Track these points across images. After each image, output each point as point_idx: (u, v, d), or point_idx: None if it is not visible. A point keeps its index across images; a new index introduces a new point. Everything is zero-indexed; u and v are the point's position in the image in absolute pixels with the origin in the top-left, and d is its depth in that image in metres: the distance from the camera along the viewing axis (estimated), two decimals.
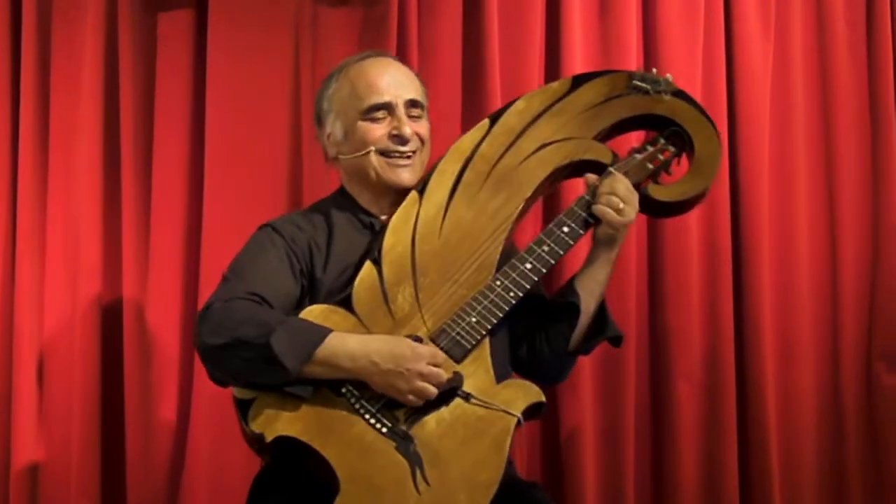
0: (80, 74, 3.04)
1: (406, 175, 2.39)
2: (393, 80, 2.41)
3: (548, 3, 3.22)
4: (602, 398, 3.16)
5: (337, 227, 2.39)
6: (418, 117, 2.42)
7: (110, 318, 3.03)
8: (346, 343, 2.15)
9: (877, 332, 3.32)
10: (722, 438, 3.17)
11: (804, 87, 3.33)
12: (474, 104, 3.10)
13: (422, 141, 2.41)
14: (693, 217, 3.17)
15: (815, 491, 3.26)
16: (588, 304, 2.37)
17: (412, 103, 2.41)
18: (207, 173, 3.05)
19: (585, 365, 3.11)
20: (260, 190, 3.06)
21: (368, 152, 2.38)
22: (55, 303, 3.01)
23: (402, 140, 2.37)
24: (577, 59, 3.16)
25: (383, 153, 2.38)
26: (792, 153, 3.30)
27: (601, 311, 2.40)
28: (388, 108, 2.39)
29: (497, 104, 3.00)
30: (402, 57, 3.05)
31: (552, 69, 3.18)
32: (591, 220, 2.32)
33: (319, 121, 2.49)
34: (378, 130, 2.38)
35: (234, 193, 3.04)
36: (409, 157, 2.39)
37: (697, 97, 3.14)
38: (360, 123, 2.39)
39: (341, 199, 2.47)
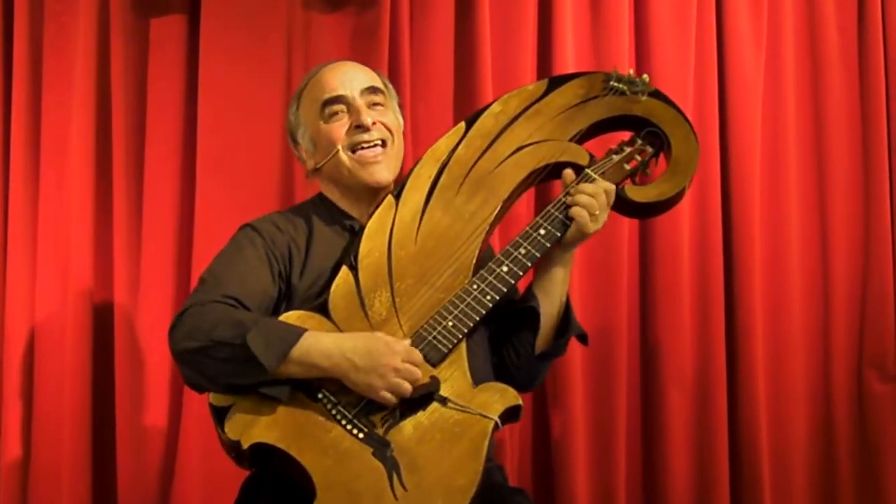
0: (71, 79, 3.05)
1: (381, 173, 2.39)
2: (345, 76, 2.42)
3: (539, 7, 3.22)
4: (593, 406, 3.16)
5: (316, 230, 2.40)
6: (380, 104, 2.42)
7: (101, 325, 3.04)
8: (321, 341, 2.15)
9: (867, 340, 3.32)
10: (713, 446, 3.17)
11: (796, 93, 3.33)
12: (466, 109, 3.10)
13: (389, 130, 2.41)
14: (684, 224, 3.18)
15: (806, 499, 3.25)
16: (547, 307, 2.37)
17: (370, 90, 2.41)
18: (199, 178, 3.06)
19: (577, 370, 3.12)
20: (252, 195, 3.07)
21: (337, 152, 2.39)
22: (46, 309, 3.02)
23: (364, 128, 2.37)
24: (569, 64, 3.16)
25: (351, 149, 2.38)
26: (783, 159, 3.29)
27: (565, 310, 2.40)
28: (344, 101, 2.40)
29: None
30: (394, 63, 3.09)
31: (544, 74, 3.17)
32: (568, 222, 2.31)
33: (294, 139, 2.50)
34: (340, 127, 2.39)
35: (226, 198, 3.05)
36: (377, 146, 2.39)
37: (689, 103, 3.17)
38: (322, 126, 2.41)
39: (320, 202, 2.48)
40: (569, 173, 2.36)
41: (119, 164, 3.05)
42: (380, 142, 2.40)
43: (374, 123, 2.38)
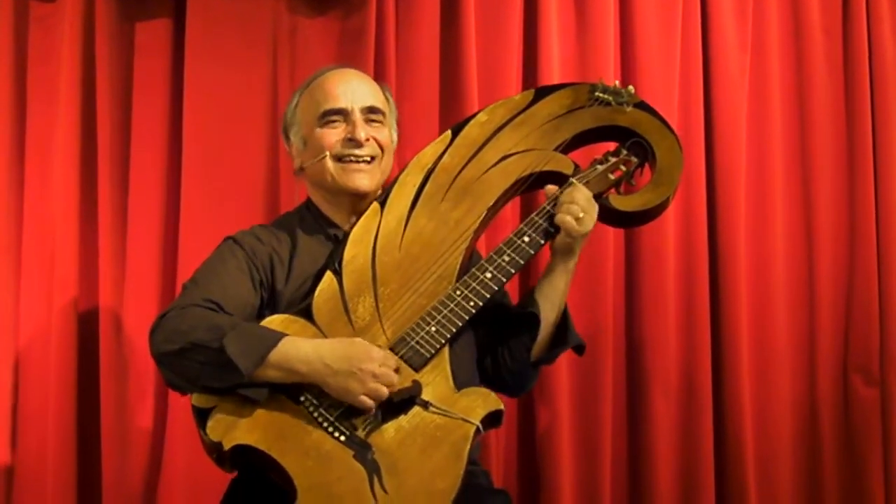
0: (56, 83, 3.06)
1: (362, 180, 2.41)
2: (350, 88, 2.44)
3: (525, 13, 3.24)
4: (579, 409, 3.17)
5: (301, 241, 2.41)
6: (377, 122, 2.44)
7: (86, 328, 3.04)
8: (300, 347, 2.16)
9: (853, 345, 3.33)
10: (698, 451, 3.18)
11: (781, 96, 3.35)
12: (452, 114, 3.12)
13: (381, 148, 2.43)
14: (669, 229, 3.19)
15: (791, 503, 3.25)
16: (548, 314, 2.38)
17: (370, 110, 2.43)
18: (184, 183, 3.07)
19: (562, 376, 3.13)
20: (237, 200, 3.08)
21: (324, 157, 2.41)
22: (31, 313, 3.02)
23: (357, 143, 2.39)
24: (555, 70, 3.18)
25: (339, 158, 2.41)
26: (769, 164, 3.31)
27: (563, 320, 2.41)
28: (344, 113, 2.42)
29: None
30: (380, 67, 3.10)
31: (530, 79, 3.20)
32: (552, 230, 2.33)
33: (286, 134, 2.53)
34: (333, 135, 2.41)
35: (211, 203, 3.06)
36: (365, 161, 2.41)
37: (675, 107, 3.19)
38: (317, 130, 2.43)
39: (306, 211, 2.50)
40: (551, 186, 2.38)
41: (104, 170, 3.05)
42: (368, 158, 2.42)
43: (367, 140, 2.40)
